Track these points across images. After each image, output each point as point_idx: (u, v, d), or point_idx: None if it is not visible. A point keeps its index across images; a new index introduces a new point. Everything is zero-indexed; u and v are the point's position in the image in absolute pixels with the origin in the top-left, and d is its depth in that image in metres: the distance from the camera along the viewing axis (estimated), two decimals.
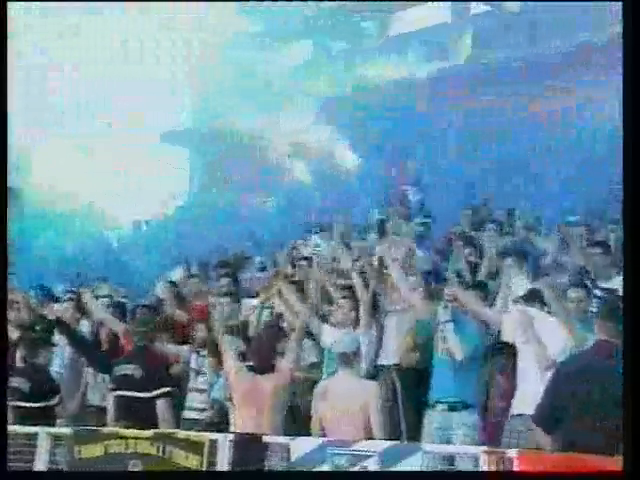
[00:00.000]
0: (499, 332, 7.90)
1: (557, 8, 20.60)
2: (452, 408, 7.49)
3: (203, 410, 8.81)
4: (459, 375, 7.53)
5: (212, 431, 7.58)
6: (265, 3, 24.79)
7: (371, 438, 6.73)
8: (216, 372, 8.70)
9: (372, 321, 8.38)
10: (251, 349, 7.92)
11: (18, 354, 9.04)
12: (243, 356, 8.05)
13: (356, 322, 8.40)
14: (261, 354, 7.69)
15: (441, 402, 7.53)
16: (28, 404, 8.50)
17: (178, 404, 8.81)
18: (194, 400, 8.98)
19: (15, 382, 8.62)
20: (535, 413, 6.13)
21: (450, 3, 24.26)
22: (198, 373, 9.08)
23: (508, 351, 7.69)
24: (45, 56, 25.75)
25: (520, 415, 7.14)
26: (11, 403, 8.57)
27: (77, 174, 22.85)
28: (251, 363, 7.75)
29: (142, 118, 25.87)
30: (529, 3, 22.41)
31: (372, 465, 6.25)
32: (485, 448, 5.90)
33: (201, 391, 8.96)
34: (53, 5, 24.16)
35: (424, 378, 7.82)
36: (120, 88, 25.27)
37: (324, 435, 6.82)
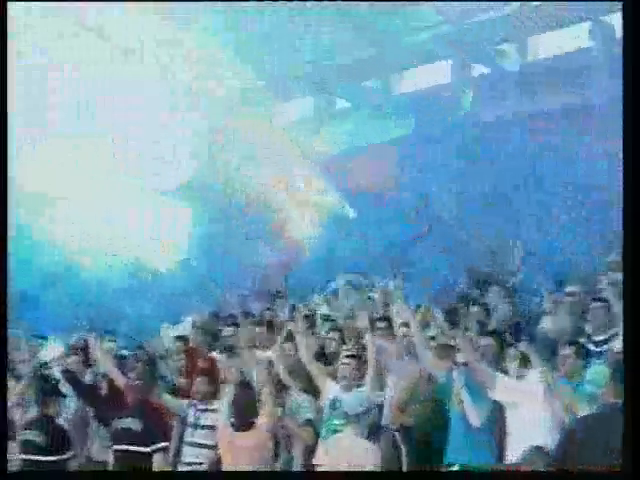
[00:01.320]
0: None
1: (554, 70, 20.56)
2: (465, 470, 7.27)
3: (197, 464, 8.58)
4: (473, 437, 7.34)
5: None
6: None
7: None
8: None
9: (378, 380, 8.16)
10: (232, 406, 7.80)
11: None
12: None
13: (360, 380, 8.19)
14: (239, 411, 7.70)
15: (454, 464, 7.34)
16: (42, 457, 8.34)
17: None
18: (189, 454, 8.72)
19: (29, 435, 8.49)
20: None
21: (452, 64, 24.23)
22: (195, 427, 8.81)
23: None
24: (45, 56, 25.39)
25: None
26: (23, 456, 8.45)
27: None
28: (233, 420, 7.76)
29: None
30: (529, 62, 22.51)
31: None
32: None
33: (197, 445, 8.73)
34: (53, 5, 23.34)
35: (431, 440, 7.56)
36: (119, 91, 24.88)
37: None
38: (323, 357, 9.44)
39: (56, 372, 9.88)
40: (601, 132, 16.16)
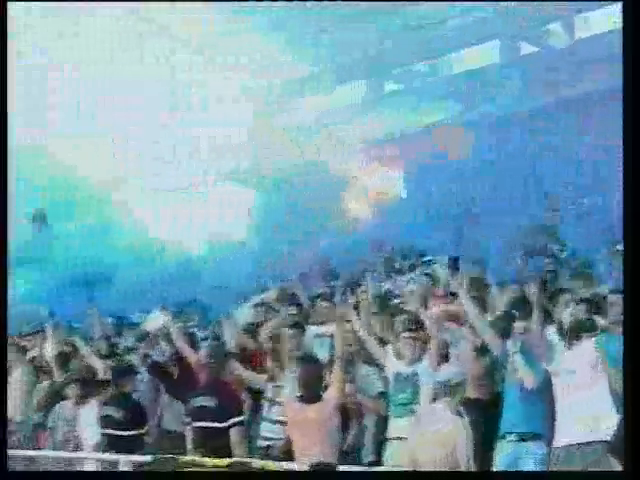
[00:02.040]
0: None
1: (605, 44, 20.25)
2: (522, 438, 7.26)
3: (277, 439, 8.57)
4: (528, 406, 7.31)
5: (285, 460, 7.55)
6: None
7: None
8: None
9: (440, 355, 8.20)
10: (298, 379, 7.80)
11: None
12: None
13: (420, 356, 8.24)
14: (306, 385, 7.66)
15: (511, 433, 7.30)
16: (118, 432, 8.55)
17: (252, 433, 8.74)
18: (267, 430, 8.73)
19: (107, 410, 8.71)
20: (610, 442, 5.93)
21: (499, 43, 24.08)
22: (272, 403, 8.84)
23: None
24: (45, 56, 25.20)
25: (589, 443, 6.85)
26: (102, 430, 8.65)
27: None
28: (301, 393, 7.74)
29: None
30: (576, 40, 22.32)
31: None
32: None
33: (274, 421, 8.68)
34: (53, 5, 23.20)
35: (491, 409, 7.62)
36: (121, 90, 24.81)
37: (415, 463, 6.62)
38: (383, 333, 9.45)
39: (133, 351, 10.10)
40: None
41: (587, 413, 6.92)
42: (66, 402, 9.48)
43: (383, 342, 8.76)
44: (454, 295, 9.08)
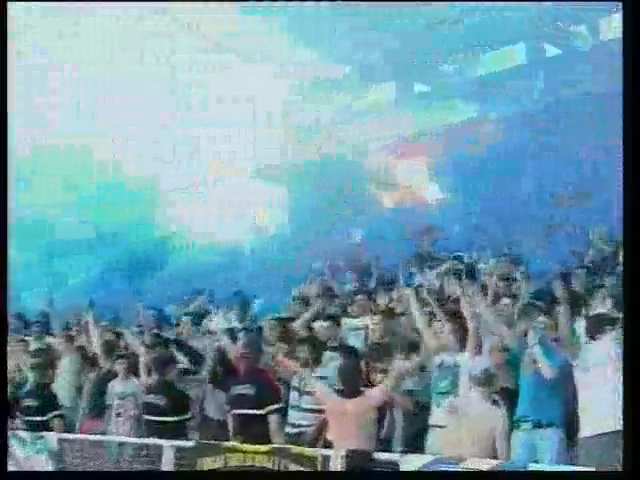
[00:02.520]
0: None
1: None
2: (536, 425, 7.39)
3: (303, 426, 8.72)
4: (544, 395, 7.43)
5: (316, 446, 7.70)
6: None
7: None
8: None
9: (478, 345, 8.33)
10: (340, 374, 7.90)
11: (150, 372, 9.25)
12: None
13: (461, 347, 8.40)
14: (347, 379, 7.74)
15: (527, 421, 7.44)
16: (162, 418, 8.70)
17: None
18: (295, 417, 8.85)
19: (151, 398, 8.89)
20: None
21: (525, 46, 24.12)
22: (300, 392, 8.92)
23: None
24: (45, 56, 25.16)
25: (609, 433, 6.91)
26: (146, 417, 8.86)
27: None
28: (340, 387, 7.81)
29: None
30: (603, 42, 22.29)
31: None
32: None
33: (302, 409, 8.82)
34: (53, 5, 23.49)
35: (512, 397, 7.77)
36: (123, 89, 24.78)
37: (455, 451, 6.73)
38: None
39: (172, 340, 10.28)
40: None
41: (608, 404, 6.95)
42: (116, 379, 9.74)
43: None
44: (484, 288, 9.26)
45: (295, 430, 8.71)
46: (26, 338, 11.99)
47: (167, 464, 7.99)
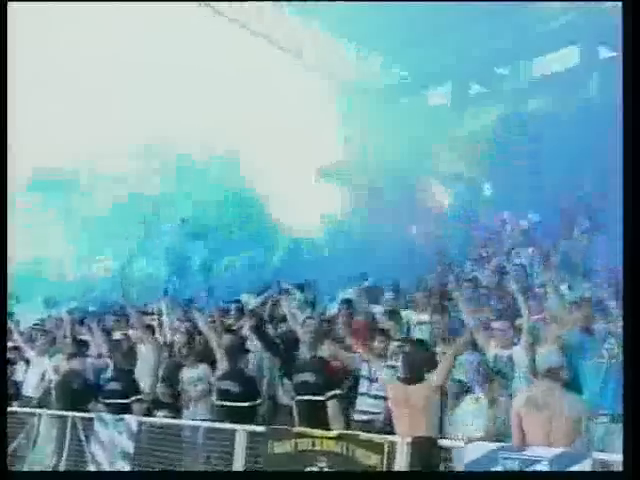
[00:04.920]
0: None
1: None
2: (614, 420, 7.22)
3: (374, 413, 8.66)
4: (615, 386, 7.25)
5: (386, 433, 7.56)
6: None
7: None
8: None
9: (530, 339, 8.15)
10: (405, 362, 7.79)
11: (224, 360, 9.22)
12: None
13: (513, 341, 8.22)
14: (411, 367, 7.64)
15: (604, 414, 7.26)
16: (235, 404, 8.67)
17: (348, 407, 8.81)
18: (364, 404, 8.82)
19: (224, 385, 8.85)
20: None
21: (579, 50, 23.72)
22: (371, 380, 8.93)
23: None
24: (45, 56, 25.23)
25: None
26: (218, 402, 8.83)
27: None
28: (403, 374, 7.74)
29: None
30: None
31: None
32: None
33: (372, 396, 8.80)
34: (53, 5, 23.46)
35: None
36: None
37: (524, 441, 6.52)
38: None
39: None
40: None
41: None
42: (186, 368, 9.74)
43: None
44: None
45: (365, 417, 8.68)
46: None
47: (239, 448, 7.95)
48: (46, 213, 26.06)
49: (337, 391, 8.30)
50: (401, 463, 6.95)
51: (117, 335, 11.48)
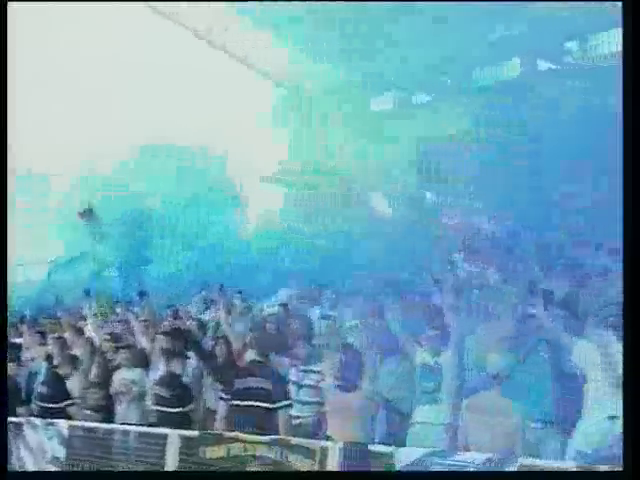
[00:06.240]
0: None
1: None
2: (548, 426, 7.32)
3: (303, 418, 8.74)
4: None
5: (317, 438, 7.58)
6: None
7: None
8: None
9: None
10: (337, 369, 7.80)
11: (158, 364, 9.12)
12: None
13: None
14: (344, 374, 7.67)
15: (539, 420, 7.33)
16: (167, 409, 8.63)
17: None
18: (294, 409, 8.63)
19: (157, 390, 8.80)
20: None
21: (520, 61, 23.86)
22: (299, 386, 8.99)
23: None
24: (45, 55, 25.19)
25: None
26: (153, 407, 8.77)
27: None
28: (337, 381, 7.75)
29: None
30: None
31: None
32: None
33: (301, 402, 8.84)
34: (53, 5, 23.50)
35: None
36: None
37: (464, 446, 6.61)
38: None
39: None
40: None
41: None
42: (120, 370, 9.66)
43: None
44: None
45: (295, 422, 8.57)
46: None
47: (171, 452, 7.87)
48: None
49: (288, 401, 8.11)
50: (333, 468, 6.95)
51: (50, 338, 11.31)
